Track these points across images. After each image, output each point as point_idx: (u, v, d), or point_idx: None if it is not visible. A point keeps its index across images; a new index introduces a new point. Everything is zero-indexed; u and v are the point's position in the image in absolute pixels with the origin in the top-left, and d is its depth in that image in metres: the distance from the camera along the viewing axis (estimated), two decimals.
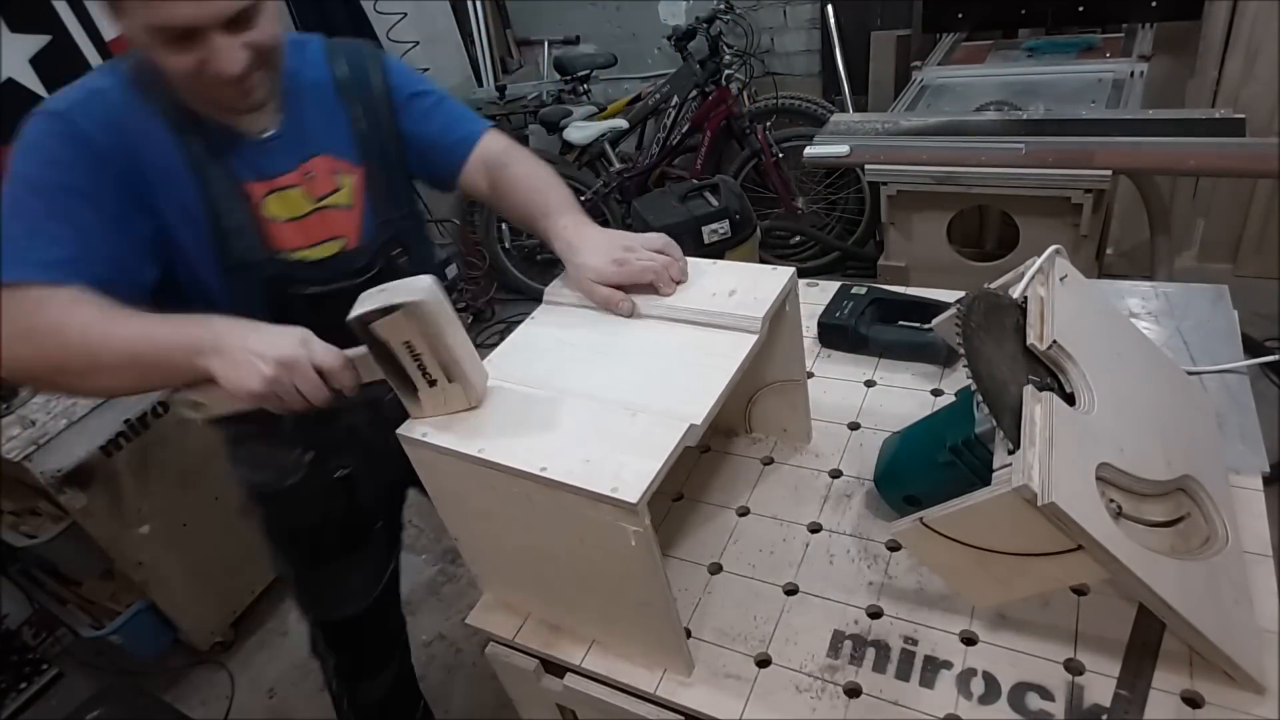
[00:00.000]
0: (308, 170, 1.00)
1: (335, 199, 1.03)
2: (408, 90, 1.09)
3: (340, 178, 1.03)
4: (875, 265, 2.14)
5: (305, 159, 1.00)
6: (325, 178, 1.02)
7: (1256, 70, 2.37)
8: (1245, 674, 0.68)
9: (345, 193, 1.04)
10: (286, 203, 0.99)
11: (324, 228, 1.02)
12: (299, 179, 1.00)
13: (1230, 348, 1.05)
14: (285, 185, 0.99)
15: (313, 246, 1.02)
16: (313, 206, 1.01)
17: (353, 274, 1.03)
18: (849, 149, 1.94)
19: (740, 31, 3.21)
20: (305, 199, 1.01)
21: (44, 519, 1.88)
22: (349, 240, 1.04)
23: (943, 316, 0.89)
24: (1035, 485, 0.63)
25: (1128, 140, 1.74)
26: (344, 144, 1.04)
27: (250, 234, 0.96)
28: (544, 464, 0.70)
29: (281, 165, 0.99)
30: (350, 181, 1.04)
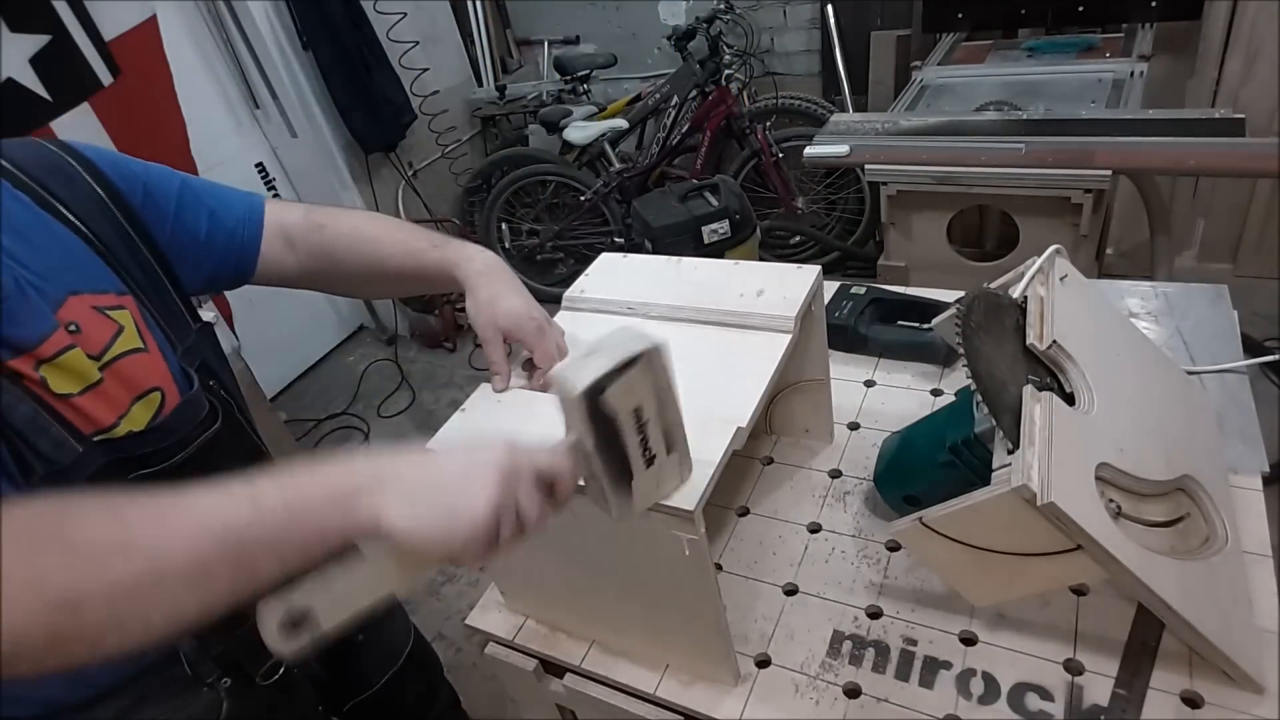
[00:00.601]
0: (69, 322, 0.71)
1: (123, 343, 0.75)
2: (137, 185, 0.82)
3: (113, 315, 0.75)
4: (875, 265, 2.14)
5: (58, 305, 0.71)
6: (96, 324, 0.73)
7: (1256, 70, 2.37)
8: (1244, 674, 0.68)
9: (130, 333, 0.76)
10: (68, 373, 0.71)
11: (129, 384, 0.75)
12: (66, 338, 0.71)
13: (1230, 348, 1.05)
14: (54, 352, 0.70)
15: (125, 416, 0.74)
16: (100, 364, 0.73)
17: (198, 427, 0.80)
18: (849, 149, 1.94)
19: (740, 31, 3.21)
20: (86, 360, 0.72)
21: None
22: (166, 392, 0.78)
23: (943, 316, 0.89)
24: (1034, 485, 0.63)
25: (1128, 140, 1.74)
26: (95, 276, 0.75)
27: (52, 430, 0.69)
28: None
29: (36, 328, 0.69)
30: (128, 318, 0.76)
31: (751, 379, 0.77)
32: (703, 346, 0.84)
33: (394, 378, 3.27)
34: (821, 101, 3.14)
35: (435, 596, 2.31)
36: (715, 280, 0.92)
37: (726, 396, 0.75)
